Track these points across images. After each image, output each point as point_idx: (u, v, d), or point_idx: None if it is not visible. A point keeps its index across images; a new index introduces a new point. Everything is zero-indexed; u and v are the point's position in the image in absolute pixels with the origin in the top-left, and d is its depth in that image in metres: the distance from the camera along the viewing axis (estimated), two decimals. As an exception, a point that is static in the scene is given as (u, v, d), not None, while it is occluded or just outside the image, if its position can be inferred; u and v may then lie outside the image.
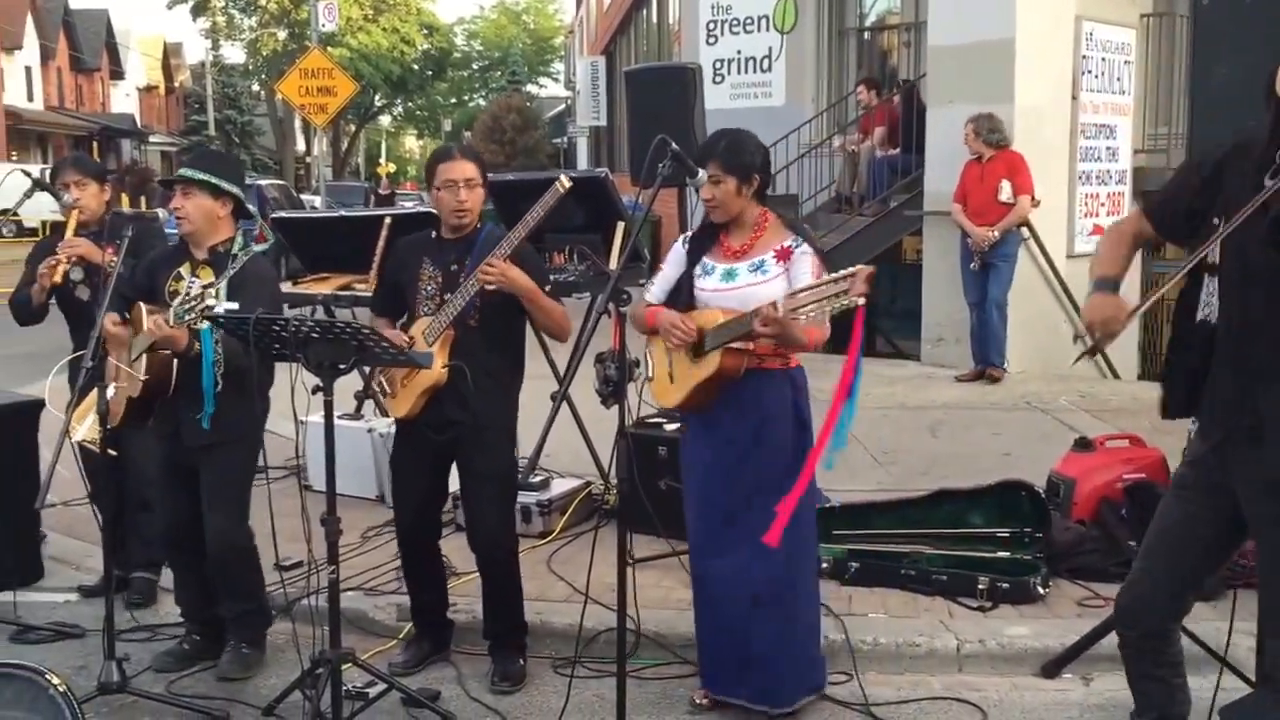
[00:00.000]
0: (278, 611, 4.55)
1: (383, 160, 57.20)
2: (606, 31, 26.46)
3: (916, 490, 5.40)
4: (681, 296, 3.79)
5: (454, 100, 63.54)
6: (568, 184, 3.97)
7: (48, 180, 5.14)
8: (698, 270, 3.79)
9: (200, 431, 4.07)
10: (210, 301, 3.71)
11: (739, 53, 12.37)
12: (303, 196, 27.58)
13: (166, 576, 4.89)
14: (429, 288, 4.09)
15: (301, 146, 55.87)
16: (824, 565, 4.70)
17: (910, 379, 9.01)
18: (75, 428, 4.20)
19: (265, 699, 4.01)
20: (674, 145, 3.97)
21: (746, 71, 12.33)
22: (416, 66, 54.61)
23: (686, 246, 3.88)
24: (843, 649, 4.19)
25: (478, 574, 4.33)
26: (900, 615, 4.53)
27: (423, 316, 4.07)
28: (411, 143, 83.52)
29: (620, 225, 5.63)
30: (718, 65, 12.26)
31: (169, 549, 4.42)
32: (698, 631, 3.95)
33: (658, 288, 3.90)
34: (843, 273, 3.19)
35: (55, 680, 2.37)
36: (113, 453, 4.12)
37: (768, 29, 12.19)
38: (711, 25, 12.53)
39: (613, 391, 3.59)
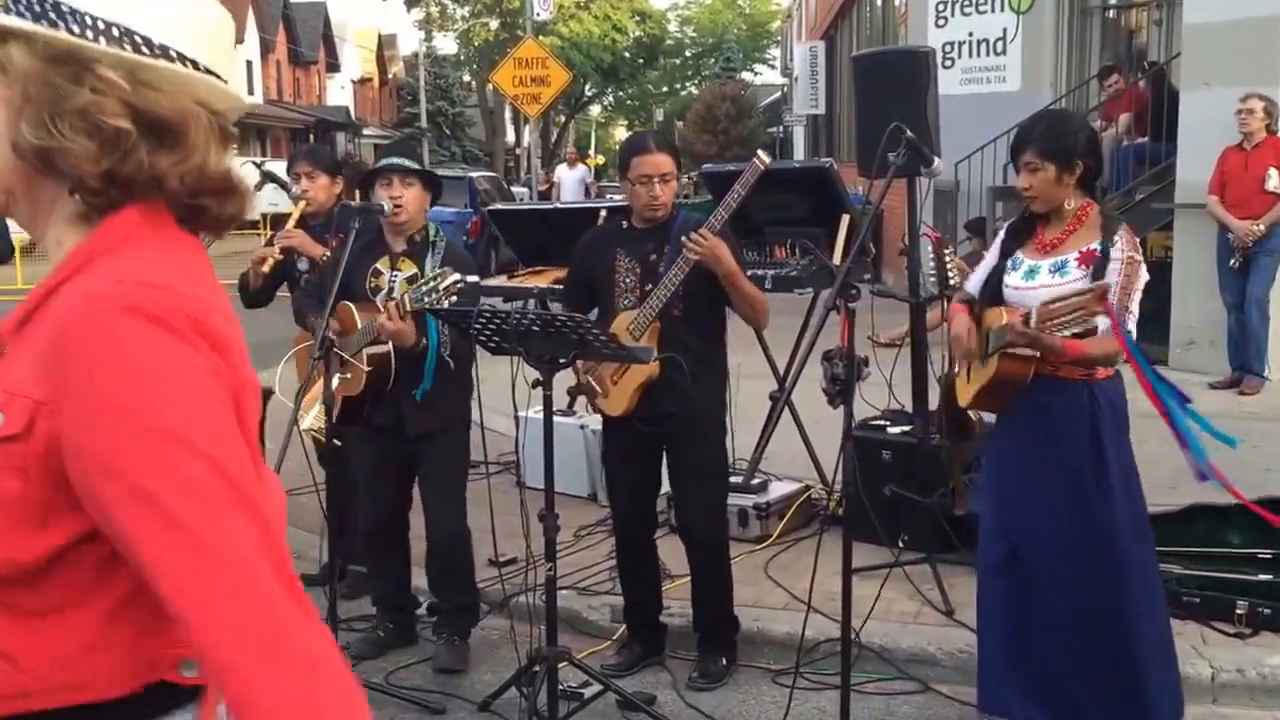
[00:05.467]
0: (490, 607, 4.55)
1: (591, 151, 57.84)
2: (827, 15, 25.96)
3: (1164, 505, 4.98)
4: (989, 289, 3.59)
5: (665, 89, 63.82)
6: (767, 160, 3.91)
7: (283, 170, 5.25)
8: (1008, 263, 3.57)
9: (424, 416, 4.08)
10: (449, 280, 3.72)
11: (970, 35, 11.88)
12: (513, 188, 28.09)
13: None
14: (628, 280, 4.00)
15: (511, 138, 57.09)
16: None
17: (1156, 384, 8.41)
18: (302, 416, 4.29)
19: (480, 694, 4.02)
20: (908, 132, 3.77)
21: (978, 55, 11.84)
22: (628, 54, 54.97)
23: (1003, 235, 3.66)
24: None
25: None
26: (1150, 640, 4.17)
27: (622, 310, 3.98)
28: (621, 133, 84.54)
29: (845, 218, 5.41)
30: (947, 49, 11.77)
31: (370, 540, 4.45)
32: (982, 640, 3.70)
33: (976, 277, 3.70)
34: (1089, 287, 3.12)
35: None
36: (337, 442, 4.18)
37: (1002, 9, 11.65)
38: (941, 7, 12.09)
39: (840, 391, 3.40)
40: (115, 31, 1.21)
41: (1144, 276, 3.38)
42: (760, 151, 4.01)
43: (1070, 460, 3.40)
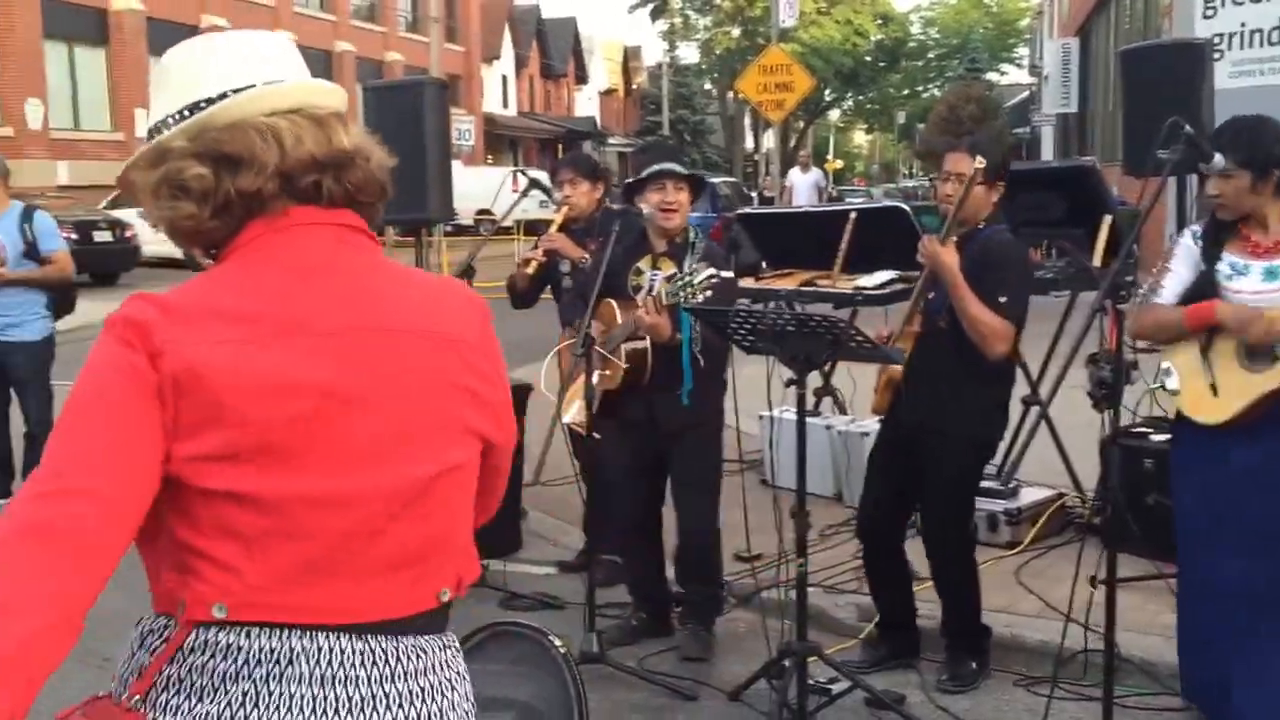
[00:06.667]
0: (738, 600, 4.63)
1: (830, 155, 57.10)
2: (1082, 10, 24.90)
3: None
4: (1196, 297, 3.42)
5: (906, 92, 62.36)
6: (980, 164, 3.77)
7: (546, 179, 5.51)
8: (1223, 269, 3.41)
9: (678, 413, 4.18)
10: (703, 275, 3.81)
11: (1243, 25, 11.14)
12: (753, 194, 28.17)
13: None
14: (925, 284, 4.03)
15: (750, 144, 56.99)
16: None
17: None
18: (565, 410, 4.48)
19: (729, 684, 4.09)
20: (1188, 127, 3.62)
21: (1251, 46, 11.10)
22: (869, 58, 54.02)
23: (1200, 243, 3.50)
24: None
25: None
26: None
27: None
28: (860, 138, 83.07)
29: (1106, 218, 5.23)
30: (1215, 41, 11.13)
31: (626, 534, 4.56)
32: (1179, 651, 3.64)
33: (1169, 290, 3.52)
34: None
35: (558, 643, 2.52)
36: (596, 436, 4.35)
37: (1282, -4, 10.92)
38: (1211, -3, 11.42)
39: (1106, 395, 3.31)
40: (186, 113, 1.46)
41: None
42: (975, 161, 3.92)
43: None
